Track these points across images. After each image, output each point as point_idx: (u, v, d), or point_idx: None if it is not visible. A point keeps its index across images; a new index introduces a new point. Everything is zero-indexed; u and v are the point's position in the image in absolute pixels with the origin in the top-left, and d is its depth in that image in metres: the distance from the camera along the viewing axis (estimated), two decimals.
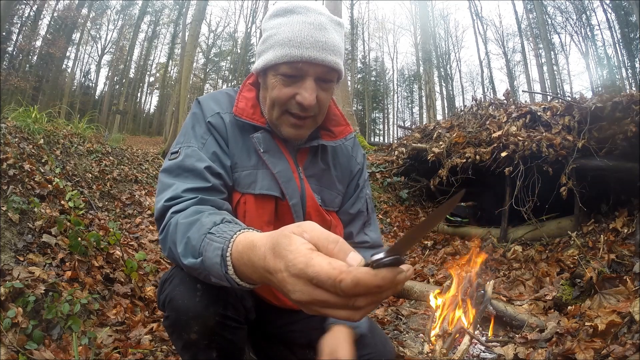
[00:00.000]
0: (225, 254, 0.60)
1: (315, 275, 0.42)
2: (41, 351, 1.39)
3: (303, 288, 0.44)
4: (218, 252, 0.61)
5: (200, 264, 0.66)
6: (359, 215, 1.09)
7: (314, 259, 0.44)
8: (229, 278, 0.60)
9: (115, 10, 29.21)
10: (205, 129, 0.93)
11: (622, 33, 19.44)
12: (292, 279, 0.45)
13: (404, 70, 38.38)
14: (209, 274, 0.65)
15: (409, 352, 1.87)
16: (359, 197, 1.10)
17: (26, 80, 20.42)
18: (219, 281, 0.64)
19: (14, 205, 2.03)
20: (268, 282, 0.53)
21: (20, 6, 20.33)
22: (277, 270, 0.47)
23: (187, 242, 0.69)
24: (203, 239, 0.66)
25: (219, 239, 0.63)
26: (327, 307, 0.44)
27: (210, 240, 0.64)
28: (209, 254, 0.63)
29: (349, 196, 1.09)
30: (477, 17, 28.66)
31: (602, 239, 2.54)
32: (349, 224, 1.08)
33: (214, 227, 0.67)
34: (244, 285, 0.61)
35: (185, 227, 0.72)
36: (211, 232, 0.66)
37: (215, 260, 0.61)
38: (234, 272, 0.60)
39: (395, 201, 4.71)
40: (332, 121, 1.03)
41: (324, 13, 0.89)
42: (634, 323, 1.49)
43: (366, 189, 1.13)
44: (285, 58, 0.84)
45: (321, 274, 0.42)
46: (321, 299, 0.43)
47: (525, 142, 3.22)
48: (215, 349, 0.84)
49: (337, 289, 0.41)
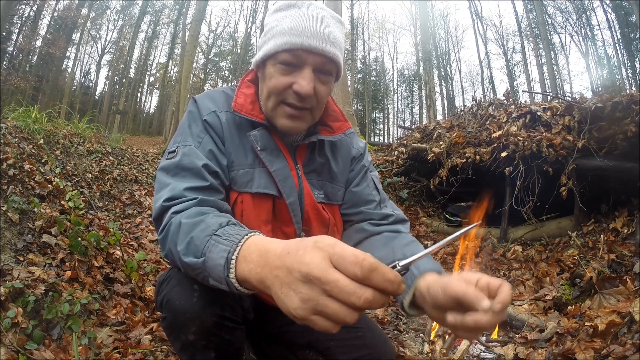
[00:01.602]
0: (231, 257, 0.60)
1: (341, 252, 0.46)
2: (41, 351, 1.39)
3: (322, 262, 0.46)
4: (223, 254, 0.61)
5: (201, 264, 0.66)
6: (368, 193, 1.05)
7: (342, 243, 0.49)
8: (229, 281, 0.60)
9: (115, 10, 29.26)
10: (201, 128, 0.93)
11: (622, 33, 19.44)
12: (314, 251, 0.48)
13: (404, 70, 38.45)
14: (208, 275, 0.65)
15: (409, 352, 1.87)
16: (364, 177, 1.07)
17: (26, 80, 20.42)
18: (216, 284, 0.64)
19: (14, 205, 2.03)
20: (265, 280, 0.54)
21: (20, 6, 20.34)
22: (299, 247, 0.50)
23: (190, 241, 0.69)
24: (208, 240, 0.66)
25: (226, 241, 0.63)
26: (330, 295, 0.46)
27: (216, 242, 0.64)
28: (213, 255, 0.63)
29: (354, 177, 1.07)
30: (477, 17, 28.68)
31: (602, 239, 2.54)
32: (360, 205, 1.04)
33: (220, 229, 0.67)
34: (242, 290, 0.61)
35: (189, 227, 0.72)
36: (217, 234, 0.66)
37: (219, 262, 0.61)
38: (234, 276, 0.60)
39: (395, 201, 4.71)
40: (331, 117, 1.03)
41: (326, 9, 0.90)
42: (634, 323, 1.49)
43: (372, 171, 1.11)
44: (285, 45, 0.84)
45: (347, 251, 0.46)
46: (332, 278, 0.45)
47: (525, 142, 3.22)
48: (213, 349, 0.84)
49: (358, 266, 0.45)
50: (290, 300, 0.49)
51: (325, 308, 0.46)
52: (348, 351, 0.98)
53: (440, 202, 4.41)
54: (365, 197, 1.04)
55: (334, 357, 0.99)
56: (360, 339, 1.00)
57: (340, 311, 0.45)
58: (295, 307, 0.48)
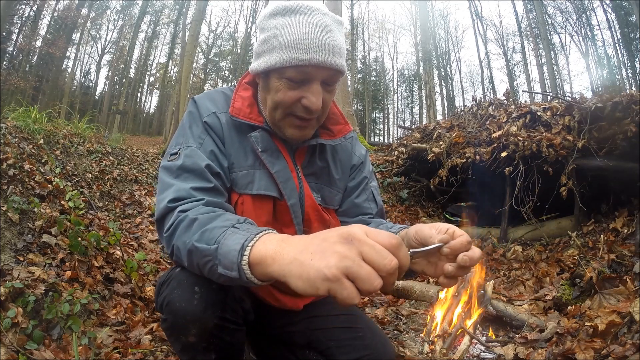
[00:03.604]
0: (247, 243, 0.62)
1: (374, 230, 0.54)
2: (41, 351, 1.39)
3: (360, 230, 0.53)
4: (240, 241, 0.63)
5: (213, 250, 0.67)
6: (367, 207, 1.06)
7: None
8: (240, 267, 0.61)
9: (115, 10, 29.20)
10: (202, 129, 0.92)
11: (622, 33, 19.42)
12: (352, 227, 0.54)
13: (404, 70, 38.39)
14: (218, 263, 0.66)
15: (409, 352, 1.87)
16: (364, 189, 1.08)
17: (26, 80, 20.41)
18: (225, 271, 0.64)
19: (14, 205, 2.03)
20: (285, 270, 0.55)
21: (20, 6, 20.33)
22: (326, 238, 0.54)
23: (205, 230, 0.71)
24: (225, 230, 0.68)
25: (244, 232, 0.66)
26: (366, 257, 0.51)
27: (233, 232, 0.67)
28: (229, 242, 0.65)
29: (354, 188, 1.07)
30: (477, 17, 28.65)
31: (602, 239, 2.54)
32: (356, 216, 1.05)
33: (239, 223, 0.70)
34: (252, 279, 0.62)
35: (206, 219, 0.73)
36: (235, 227, 0.69)
37: (234, 248, 0.63)
38: (247, 263, 0.61)
39: (395, 201, 4.71)
40: (331, 120, 1.03)
41: (327, 13, 0.87)
42: (634, 323, 1.49)
43: (372, 182, 1.11)
44: (293, 62, 0.82)
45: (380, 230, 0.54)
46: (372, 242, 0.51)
47: (525, 142, 3.22)
48: (213, 350, 0.84)
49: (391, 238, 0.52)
50: (324, 260, 0.51)
51: (359, 269, 0.49)
52: (348, 351, 0.98)
53: (440, 202, 4.41)
54: (364, 210, 1.06)
55: (334, 357, 0.99)
56: (360, 339, 0.99)
57: (370, 275, 0.49)
58: (329, 265, 0.50)
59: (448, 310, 1.96)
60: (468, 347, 1.75)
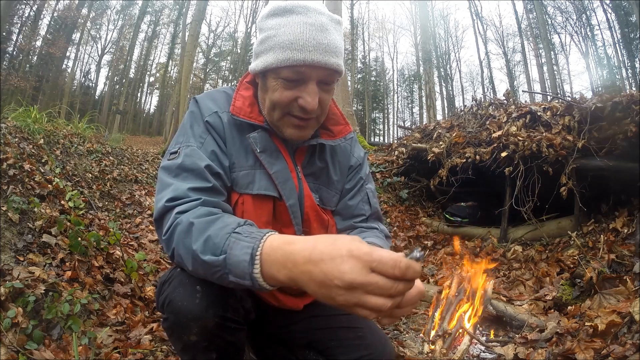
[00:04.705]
0: (255, 252, 0.63)
1: (379, 258, 0.54)
2: (41, 351, 1.39)
3: (362, 270, 0.54)
4: (247, 250, 0.64)
5: (222, 261, 0.66)
6: (361, 208, 1.06)
7: (376, 248, 0.56)
8: (253, 277, 0.63)
9: (115, 10, 29.20)
10: (203, 128, 0.92)
11: (622, 33, 19.41)
12: (352, 261, 0.55)
13: (404, 70, 38.41)
14: (229, 273, 0.66)
15: (409, 352, 1.87)
16: (359, 190, 1.07)
17: (26, 80, 20.39)
18: (238, 280, 0.65)
19: (14, 205, 2.03)
20: (296, 278, 0.59)
21: (20, 6, 20.33)
22: (334, 256, 0.56)
23: (208, 239, 0.70)
24: (228, 237, 0.67)
25: (248, 238, 0.66)
26: (371, 293, 0.54)
27: (237, 239, 0.66)
28: (236, 252, 0.65)
29: (349, 190, 1.07)
30: (477, 17, 28.65)
31: (602, 239, 2.54)
32: (350, 218, 1.05)
33: (239, 227, 0.69)
34: (264, 286, 0.63)
35: (203, 225, 0.72)
36: (237, 232, 0.68)
37: (244, 258, 0.63)
38: (259, 272, 0.62)
39: (395, 201, 4.71)
40: (331, 120, 1.03)
41: (324, 12, 0.87)
42: (634, 323, 1.49)
43: (368, 184, 1.11)
44: (288, 62, 0.82)
45: (385, 257, 0.54)
46: (373, 281, 0.54)
47: (525, 142, 3.22)
48: (214, 350, 0.84)
49: (396, 269, 0.54)
50: (331, 298, 0.56)
51: (366, 303, 0.54)
52: (348, 351, 0.98)
53: (440, 202, 4.41)
54: (357, 212, 1.06)
55: (334, 357, 0.99)
56: (360, 339, 0.99)
57: (378, 302, 0.54)
58: (337, 303, 0.56)
59: (448, 310, 1.96)
60: (468, 347, 1.75)
